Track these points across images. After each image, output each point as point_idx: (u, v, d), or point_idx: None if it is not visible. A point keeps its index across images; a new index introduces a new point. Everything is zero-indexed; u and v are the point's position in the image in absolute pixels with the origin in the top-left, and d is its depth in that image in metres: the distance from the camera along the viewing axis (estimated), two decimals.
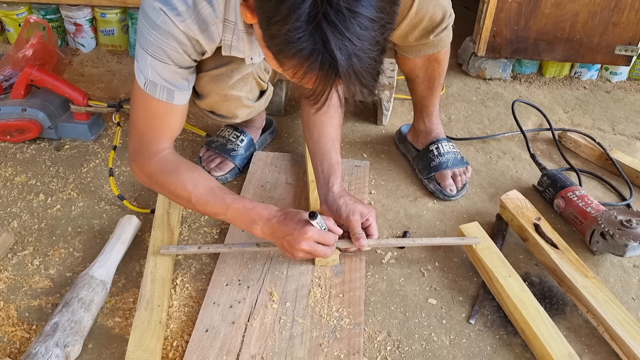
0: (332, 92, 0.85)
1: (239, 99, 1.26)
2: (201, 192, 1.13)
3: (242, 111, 1.31)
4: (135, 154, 1.16)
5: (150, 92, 1.09)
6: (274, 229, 1.10)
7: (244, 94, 1.26)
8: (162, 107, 1.11)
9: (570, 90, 2.04)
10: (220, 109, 1.29)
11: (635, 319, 1.07)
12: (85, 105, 1.57)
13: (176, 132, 1.19)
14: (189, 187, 1.12)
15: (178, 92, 1.11)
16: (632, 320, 1.06)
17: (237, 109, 1.29)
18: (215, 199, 1.13)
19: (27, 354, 0.97)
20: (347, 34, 0.76)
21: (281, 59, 0.83)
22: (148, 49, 1.04)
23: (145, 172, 1.16)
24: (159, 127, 1.15)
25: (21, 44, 1.77)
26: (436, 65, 1.39)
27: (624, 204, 1.45)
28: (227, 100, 1.25)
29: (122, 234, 1.23)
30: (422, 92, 1.48)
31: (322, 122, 1.31)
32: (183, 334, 1.08)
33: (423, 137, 1.55)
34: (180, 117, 1.16)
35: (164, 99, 1.10)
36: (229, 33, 1.06)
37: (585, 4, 1.86)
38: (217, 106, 1.28)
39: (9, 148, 1.59)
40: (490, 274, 1.16)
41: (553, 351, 1.00)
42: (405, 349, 1.07)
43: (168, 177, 1.13)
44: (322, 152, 1.29)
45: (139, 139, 1.16)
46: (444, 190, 1.45)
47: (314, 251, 1.09)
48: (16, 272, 1.21)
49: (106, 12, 2.08)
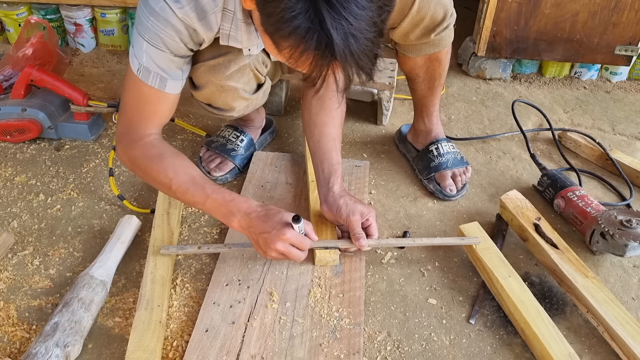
0: (329, 75, 0.84)
1: (235, 91, 1.25)
2: (182, 180, 1.12)
3: (239, 103, 1.30)
4: (122, 137, 1.17)
5: (143, 78, 1.09)
6: (252, 224, 1.09)
7: (240, 86, 1.25)
8: (154, 94, 1.12)
9: (570, 90, 2.04)
10: (217, 101, 1.28)
11: (635, 319, 1.07)
12: (85, 105, 1.57)
13: (165, 119, 1.20)
14: (170, 173, 1.12)
15: (171, 80, 1.11)
16: (632, 320, 1.06)
17: (234, 100, 1.28)
18: (195, 188, 1.12)
19: (27, 354, 0.97)
20: (343, 13, 0.76)
21: (277, 40, 0.83)
22: (145, 34, 1.04)
23: (128, 156, 1.16)
24: (148, 113, 1.15)
25: (21, 43, 1.77)
26: (437, 64, 1.39)
27: (624, 204, 1.45)
28: (224, 91, 1.24)
29: (122, 234, 1.23)
30: (422, 92, 1.48)
31: (323, 121, 1.31)
32: (183, 334, 1.08)
33: (423, 137, 1.55)
34: (171, 105, 1.17)
35: (156, 86, 1.11)
36: (227, 22, 1.07)
37: (585, 4, 1.86)
38: (214, 98, 1.27)
39: (9, 148, 1.59)
40: (490, 273, 1.16)
41: (553, 351, 1.00)
42: (405, 349, 1.07)
43: (150, 162, 1.14)
44: (322, 152, 1.28)
45: (127, 123, 1.16)
46: (444, 190, 1.45)
47: (288, 253, 1.09)
48: (16, 272, 1.21)
49: (106, 12, 2.08)
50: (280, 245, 1.07)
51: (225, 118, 1.41)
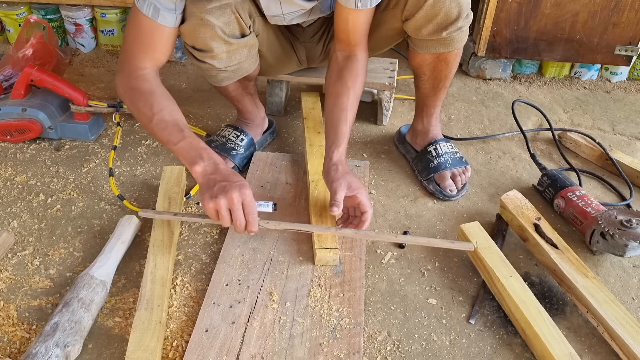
0: None
1: (213, 28, 1.24)
2: (164, 118, 1.17)
3: (217, 44, 1.27)
4: (120, 66, 1.26)
5: (139, 6, 1.19)
6: (218, 172, 1.13)
7: (219, 24, 1.24)
8: (148, 24, 1.20)
9: (570, 90, 2.04)
10: (197, 39, 1.27)
11: (635, 319, 1.07)
12: (85, 105, 1.57)
13: (160, 56, 1.26)
14: (155, 109, 1.18)
15: (164, 11, 1.19)
16: (632, 320, 1.06)
17: (212, 39, 1.26)
18: (174, 128, 1.17)
19: (27, 354, 0.97)
20: None
21: None
22: None
23: (122, 85, 1.24)
24: (143, 44, 1.23)
25: (21, 43, 1.77)
26: (444, 65, 1.39)
27: (624, 204, 1.45)
28: (202, 26, 1.23)
29: (122, 234, 1.23)
30: (426, 91, 1.48)
31: (338, 92, 1.33)
32: (183, 334, 1.08)
33: (421, 137, 1.55)
34: (165, 40, 1.24)
35: (149, 15, 1.19)
36: None
37: (585, 4, 1.86)
38: (194, 33, 1.25)
39: (9, 148, 1.59)
40: (491, 273, 1.16)
41: (554, 351, 1.00)
42: (405, 349, 1.07)
43: (140, 94, 1.21)
44: (332, 122, 1.31)
45: (126, 53, 1.25)
46: (444, 191, 1.45)
47: (235, 210, 1.09)
48: (16, 272, 1.21)
49: (106, 12, 2.08)
50: (235, 197, 1.08)
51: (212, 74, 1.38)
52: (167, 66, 2.08)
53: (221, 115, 1.79)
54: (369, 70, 1.75)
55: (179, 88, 1.95)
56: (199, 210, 1.39)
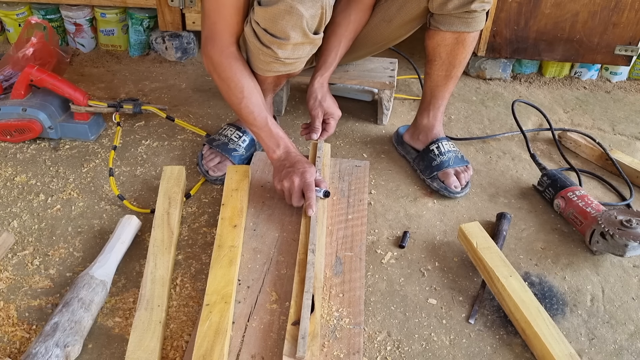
0: None
1: (300, 18, 1.18)
2: (252, 102, 1.30)
3: (295, 34, 1.22)
4: (208, 41, 1.29)
5: None
6: (289, 159, 1.30)
7: (307, 15, 1.19)
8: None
9: (570, 90, 2.04)
10: (276, 24, 1.20)
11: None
12: (85, 105, 1.57)
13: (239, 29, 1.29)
14: (245, 92, 1.29)
15: None
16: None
17: (294, 29, 1.20)
18: (260, 113, 1.31)
19: (27, 354, 0.97)
20: None
21: None
22: None
23: (214, 62, 1.29)
24: (227, 17, 1.26)
25: (21, 43, 1.77)
26: (461, 49, 1.41)
27: (624, 204, 1.45)
28: (289, 13, 1.18)
29: (122, 234, 1.23)
30: (437, 79, 1.48)
31: (338, 22, 1.43)
32: (183, 334, 1.08)
33: (424, 134, 1.55)
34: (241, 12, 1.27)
35: None
36: None
37: (585, 4, 1.86)
38: (276, 18, 1.19)
39: (9, 148, 1.59)
40: (491, 273, 1.16)
41: (554, 351, 1.00)
42: (405, 349, 1.07)
43: (233, 74, 1.29)
44: (325, 49, 1.43)
45: (212, 28, 1.28)
46: (449, 187, 1.44)
47: (295, 191, 1.27)
48: (16, 272, 1.21)
49: (106, 12, 2.08)
50: (297, 180, 1.26)
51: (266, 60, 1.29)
52: (167, 66, 2.08)
53: (221, 115, 1.79)
54: (369, 70, 1.76)
55: (179, 88, 1.95)
56: (199, 211, 1.39)
